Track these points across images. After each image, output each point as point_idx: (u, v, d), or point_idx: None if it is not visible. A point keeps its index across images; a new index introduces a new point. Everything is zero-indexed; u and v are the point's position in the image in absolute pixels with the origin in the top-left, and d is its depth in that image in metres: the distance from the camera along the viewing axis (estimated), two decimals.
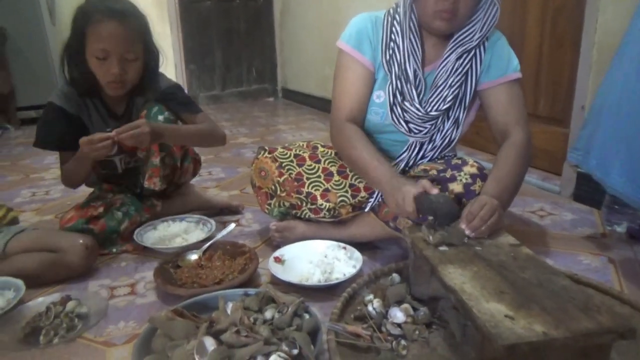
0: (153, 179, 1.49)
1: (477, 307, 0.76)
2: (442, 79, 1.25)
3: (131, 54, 1.35)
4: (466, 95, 1.28)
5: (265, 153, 1.43)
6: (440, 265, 0.91)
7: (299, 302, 0.96)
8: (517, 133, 1.22)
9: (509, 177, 1.16)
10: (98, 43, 1.30)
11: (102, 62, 1.32)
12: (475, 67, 1.26)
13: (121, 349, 1.01)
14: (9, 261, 1.26)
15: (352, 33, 1.30)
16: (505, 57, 1.27)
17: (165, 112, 1.47)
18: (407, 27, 1.23)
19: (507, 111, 1.25)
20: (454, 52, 1.23)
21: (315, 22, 4.21)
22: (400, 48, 1.25)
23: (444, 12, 1.14)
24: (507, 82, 1.26)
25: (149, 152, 1.47)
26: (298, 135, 3.25)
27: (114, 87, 1.38)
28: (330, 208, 1.34)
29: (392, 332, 0.96)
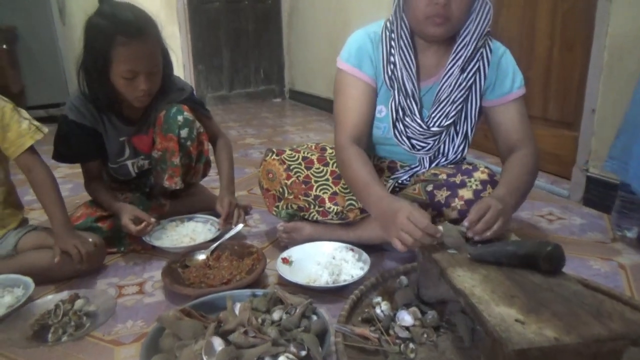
0: (174, 179, 1.51)
1: (487, 311, 0.76)
2: (445, 93, 1.23)
3: (155, 67, 1.34)
4: (471, 110, 1.27)
5: (273, 155, 1.43)
6: (449, 268, 0.91)
7: (307, 304, 0.96)
8: (525, 148, 1.21)
9: (517, 182, 1.14)
10: (125, 65, 1.27)
11: (130, 81, 1.30)
12: (479, 83, 1.24)
13: (129, 347, 1.01)
14: (19, 258, 1.27)
15: (351, 52, 1.27)
16: (510, 74, 1.25)
17: (185, 112, 1.48)
18: (399, 37, 1.21)
19: (515, 129, 1.24)
20: (457, 62, 1.20)
21: (323, 23, 4.22)
22: (397, 62, 1.22)
23: (436, 17, 1.11)
24: (513, 100, 1.24)
25: (166, 153, 1.49)
26: (305, 137, 3.25)
27: (141, 101, 1.36)
28: (338, 211, 1.33)
29: (400, 335, 0.95)
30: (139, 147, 1.52)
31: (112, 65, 1.27)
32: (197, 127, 1.52)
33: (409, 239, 0.95)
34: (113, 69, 1.28)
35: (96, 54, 1.28)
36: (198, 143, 1.55)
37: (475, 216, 0.98)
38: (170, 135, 1.47)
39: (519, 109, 1.25)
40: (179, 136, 1.47)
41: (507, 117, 1.25)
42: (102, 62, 1.28)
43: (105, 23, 1.26)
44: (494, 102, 1.26)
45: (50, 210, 1.26)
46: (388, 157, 1.39)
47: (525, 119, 1.26)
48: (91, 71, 1.32)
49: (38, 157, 1.28)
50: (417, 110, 1.24)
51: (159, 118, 1.48)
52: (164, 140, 1.48)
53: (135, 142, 1.51)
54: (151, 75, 1.32)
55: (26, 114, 1.28)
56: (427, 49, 1.24)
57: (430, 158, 1.33)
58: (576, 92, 1.97)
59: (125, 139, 1.48)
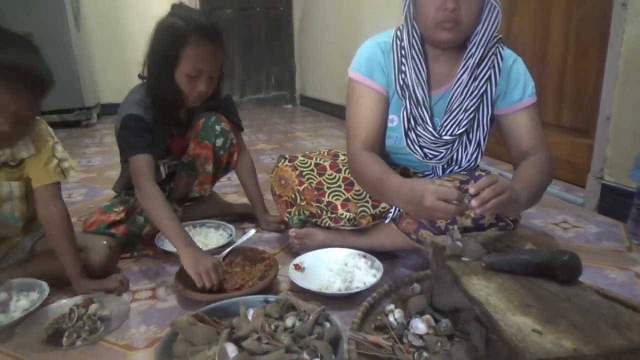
0: (204, 186, 1.58)
1: (504, 320, 0.75)
2: (457, 102, 1.22)
3: (216, 72, 1.41)
4: (484, 118, 1.26)
5: (286, 161, 1.43)
6: (464, 277, 0.90)
7: (321, 311, 0.95)
8: (539, 154, 1.20)
9: (531, 179, 1.12)
10: (192, 63, 1.33)
11: (192, 79, 1.36)
12: (491, 91, 1.23)
13: (142, 352, 1.01)
14: (35, 262, 1.28)
15: (362, 62, 1.27)
16: (521, 82, 1.23)
17: (222, 123, 1.56)
18: (410, 45, 1.20)
19: (528, 136, 1.23)
20: (467, 69, 1.19)
21: (335, 30, 4.23)
22: (408, 71, 1.22)
23: (446, 22, 1.10)
24: (524, 108, 1.23)
25: (197, 159, 1.55)
26: (317, 143, 3.26)
27: (196, 100, 1.42)
28: (350, 218, 1.33)
29: (414, 344, 0.94)
30: (172, 149, 1.57)
31: (180, 62, 1.34)
32: (230, 138, 1.59)
33: (445, 216, 1.00)
34: (180, 66, 1.34)
35: (167, 50, 1.34)
36: (229, 154, 1.61)
37: (484, 183, 0.93)
38: (205, 142, 1.54)
39: (531, 117, 1.24)
40: (214, 145, 1.54)
41: (519, 125, 1.24)
42: (172, 58, 1.34)
43: (181, 23, 1.33)
44: (505, 109, 1.25)
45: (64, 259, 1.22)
46: (401, 164, 1.39)
47: (538, 127, 1.25)
48: (158, 67, 1.37)
49: (59, 196, 1.24)
50: (428, 119, 1.23)
51: (197, 124, 1.54)
52: (198, 146, 1.54)
53: (171, 144, 1.55)
54: (211, 80, 1.40)
55: (61, 154, 1.25)
56: (438, 57, 1.24)
57: (443, 166, 1.33)
58: (591, 99, 1.96)
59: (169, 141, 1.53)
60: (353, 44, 1.35)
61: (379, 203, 1.33)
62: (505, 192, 0.93)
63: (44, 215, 1.21)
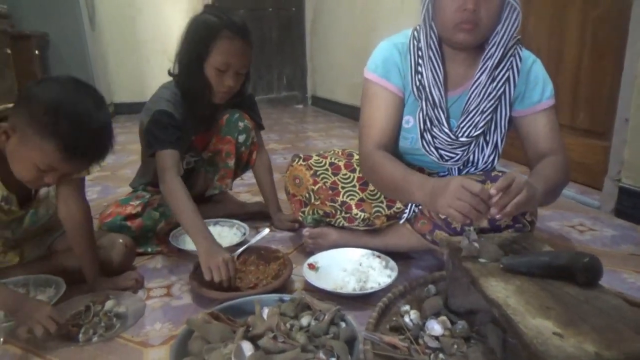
0: (225, 180, 1.62)
1: (523, 323, 0.74)
2: (474, 103, 1.21)
3: (244, 69, 1.44)
4: (501, 120, 1.24)
5: (300, 160, 1.43)
6: (482, 278, 0.89)
7: (336, 310, 0.95)
8: (557, 155, 1.19)
9: (547, 177, 1.11)
10: (223, 57, 1.38)
11: (221, 73, 1.40)
12: (509, 92, 1.21)
13: (158, 350, 1.02)
14: (53, 258, 1.29)
15: (378, 62, 1.26)
16: (540, 84, 1.22)
17: (245, 120, 1.60)
18: (427, 46, 1.19)
19: (545, 138, 1.22)
20: (485, 70, 1.18)
21: (347, 30, 4.23)
22: (425, 72, 1.21)
23: (465, 24, 1.09)
24: (542, 110, 1.22)
25: (218, 154, 1.59)
26: (328, 143, 3.26)
27: (222, 96, 1.46)
28: (365, 218, 1.33)
29: (430, 345, 0.94)
30: (195, 144, 1.60)
31: (210, 55, 1.39)
32: (252, 136, 1.63)
33: (466, 205, 0.94)
34: (210, 58, 1.39)
35: (199, 43, 1.39)
36: (249, 152, 1.65)
37: (503, 185, 0.92)
38: (228, 138, 1.58)
39: (549, 119, 1.23)
40: (237, 140, 1.58)
41: (537, 127, 1.23)
42: (204, 51, 1.39)
43: (214, 19, 1.39)
44: (523, 111, 1.24)
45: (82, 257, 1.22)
46: (416, 165, 1.38)
47: (556, 129, 1.24)
48: (190, 60, 1.41)
49: (81, 193, 1.22)
50: (444, 120, 1.22)
51: (221, 120, 1.58)
52: (220, 142, 1.58)
53: (195, 139, 1.58)
54: (238, 76, 1.44)
55: None
56: (455, 57, 1.22)
57: (459, 167, 1.31)
58: (607, 101, 1.93)
59: (194, 137, 1.56)
60: (365, 45, 1.35)
61: (393, 203, 1.32)
62: (522, 191, 0.92)
63: (64, 213, 1.20)
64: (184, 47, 1.43)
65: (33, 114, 0.96)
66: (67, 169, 1.03)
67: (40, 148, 0.96)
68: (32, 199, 1.19)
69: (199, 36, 1.39)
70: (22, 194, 1.13)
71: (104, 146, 1.05)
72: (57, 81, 1.02)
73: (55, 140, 0.96)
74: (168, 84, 1.48)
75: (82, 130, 0.98)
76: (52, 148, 0.96)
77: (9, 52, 3.29)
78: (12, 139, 1.00)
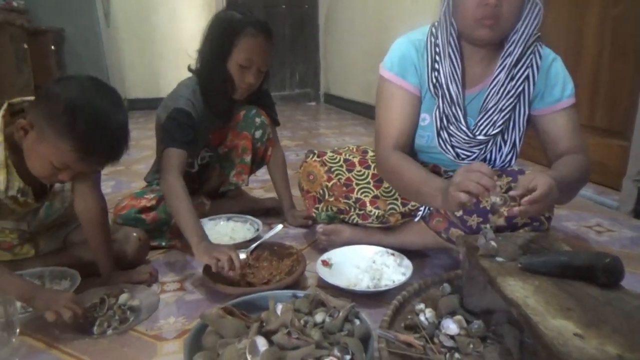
0: (242, 176, 1.63)
1: (543, 323, 0.73)
2: (493, 101, 1.19)
3: (266, 66, 1.46)
4: (520, 118, 1.22)
5: (314, 157, 1.42)
6: (499, 277, 0.88)
7: (350, 307, 0.94)
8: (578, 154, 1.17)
9: (567, 174, 1.08)
10: (247, 54, 1.40)
11: (243, 69, 1.42)
12: (528, 90, 1.19)
13: (171, 343, 1.02)
14: (68, 252, 1.30)
15: (394, 60, 1.24)
16: (560, 82, 1.20)
17: (262, 116, 1.61)
18: (447, 42, 1.17)
19: (565, 138, 1.19)
20: (504, 68, 1.16)
21: (360, 27, 4.21)
22: (442, 69, 1.19)
23: (486, 19, 1.07)
24: (563, 109, 1.20)
25: (233, 150, 1.60)
26: (341, 140, 3.25)
27: (243, 93, 1.48)
28: (379, 215, 1.32)
29: (445, 344, 0.92)
30: (211, 140, 1.61)
31: (234, 51, 1.40)
32: (268, 132, 1.64)
33: (470, 183, 0.93)
34: (234, 54, 1.41)
35: (223, 39, 1.40)
36: (265, 148, 1.65)
37: (525, 184, 0.92)
38: (245, 133, 1.59)
39: (569, 118, 1.21)
40: (253, 136, 1.59)
41: (557, 126, 1.21)
42: (227, 47, 1.40)
43: (239, 16, 1.41)
44: (543, 110, 1.22)
45: (97, 251, 1.22)
46: (431, 163, 1.36)
47: (577, 128, 1.21)
48: (213, 55, 1.43)
49: (97, 188, 1.23)
50: (462, 118, 1.21)
51: (237, 115, 1.59)
52: (236, 137, 1.59)
53: (212, 135, 1.59)
54: (259, 73, 1.46)
55: None
56: (474, 54, 1.20)
57: None
58: (627, 100, 1.90)
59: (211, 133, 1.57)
60: (378, 42, 1.34)
61: (408, 201, 1.31)
62: (548, 196, 0.91)
63: (80, 207, 1.20)
64: (208, 43, 1.44)
65: (51, 112, 0.96)
66: (82, 168, 1.04)
67: (56, 147, 0.97)
68: (47, 191, 1.20)
69: (224, 32, 1.40)
70: (38, 187, 1.14)
71: (120, 147, 1.05)
72: (76, 81, 1.02)
73: (71, 140, 0.96)
74: (188, 81, 1.48)
75: (98, 132, 0.98)
76: (67, 147, 0.97)
77: (26, 47, 3.33)
78: (30, 135, 1.00)
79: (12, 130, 1.02)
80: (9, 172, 1.05)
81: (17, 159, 1.06)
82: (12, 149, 1.05)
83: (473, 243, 1.01)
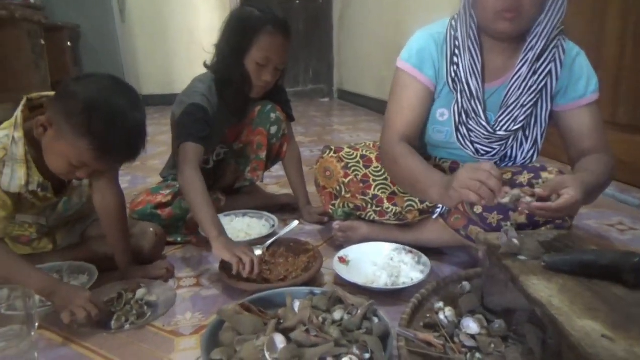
0: (257, 172, 1.63)
1: (569, 324, 0.71)
2: (514, 96, 1.16)
3: (283, 65, 1.45)
4: (542, 114, 1.20)
5: (331, 152, 1.41)
6: (523, 276, 0.86)
7: (369, 305, 0.93)
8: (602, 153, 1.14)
9: (593, 174, 1.06)
10: (264, 52, 1.39)
11: (260, 67, 1.41)
12: (551, 85, 1.16)
13: (188, 339, 1.01)
14: (85, 246, 1.31)
15: (412, 52, 1.22)
16: (584, 77, 1.17)
17: (277, 112, 1.60)
18: (466, 35, 1.15)
19: (589, 135, 1.17)
20: (526, 62, 1.13)
21: (375, 23, 4.18)
22: (461, 62, 1.17)
23: (507, 12, 1.04)
24: (586, 105, 1.17)
25: (249, 146, 1.60)
26: (355, 136, 3.23)
27: (259, 91, 1.48)
28: (396, 212, 1.30)
29: (466, 344, 0.91)
30: (226, 136, 1.61)
31: (251, 49, 1.39)
32: (283, 128, 1.63)
33: (476, 183, 0.93)
34: (252, 52, 1.40)
35: (241, 36, 1.40)
36: (280, 144, 1.64)
37: (550, 191, 0.92)
38: (260, 129, 1.58)
39: (593, 114, 1.18)
40: (269, 132, 1.58)
41: (580, 123, 1.18)
42: (245, 44, 1.39)
43: (258, 13, 1.40)
44: (566, 106, 1.19)
45: (115, 246, 1.22)
46: (450, 158, 1.34)
47: (600, 125, 1.19)
48: (231, 52, 1.42)
49: (116, 182, 1.22)
50: (481, 112, 1.18)
51: (252, 111, 1.58)
52: (252, 133, 1.58)
53: (227, 131, 1.59)
54: (276, 71, 1.45)
55: None
56: (495, 48, 1.18)
57: (496, 163, 1.27)
58: None
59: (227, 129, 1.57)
60: (393, 38, 1.33)
61: None
62: (569, 210, 0.91)
63: (99, 202, 1.20)
64: (225, 39, 1.43)
65: (70, 111, 0.97)
66: (99, 167, 1.05)
67: (74, 145, 0.97)
68: (66, 186, 1.20)
69: (242, 29, 1.39)
70: (57, 181, 1.15)
71: (137, 146, 1.05)
72: (95, 79, 1.02)
73: (89, 139, 0.96)
74: (203, 77, 1.48)
75: (116, 131, 0.98)
76: (85, 146, 0.97)
77: (43, 43, 3.36)
78: (49, 132, 1.01)
79: (31, 125, 1.03)
80: (29, 167, 1.06)
81: (37, 154, 1.06)
82: (32, 144, 1.05)
83: (494, 241, 0.99)
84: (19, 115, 1.05)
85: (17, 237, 1.24)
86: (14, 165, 1.03)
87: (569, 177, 0.99)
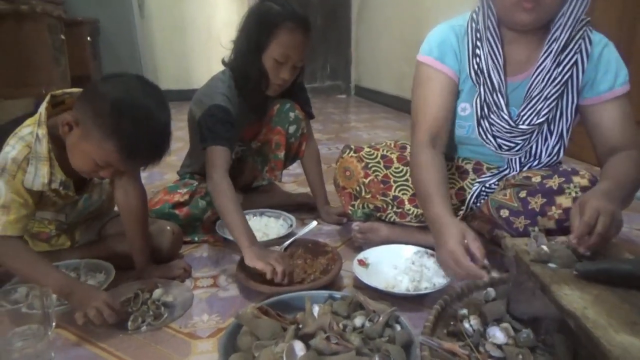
0: (275, 172, 1.60)
1: (606, 339, 0.67)
2: (537, 89, 1.12)
3: (301, 62, 1.42)
4: (567, 107, 1.15)
5: (351, 152, 1.38)
6: (554, 285, 0.82)
7: (391, 312, 0.90)
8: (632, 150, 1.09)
9: (625, 176, 1.02)
10: (282, 48, 1.36)
11: (278, 65, 1.38)
12: (577, 77, 1.12)
13: (205, 342, 1.00)
14: (103, 244, 1.30)
15: (433, 45, 1.19)
16: (612, 69, 1.12)
17: (296, 110, 1.58)
18: (485, 27, 1.12)
19: (618, 130, 1.12)
20: (550, 54, 1.09)
21: (394, 18, 4.12)
22: (483, 55, 1.14)
23: (525, 2, 1.00)
24: (615, 98, 1.12)
25: (267, 145, 1.57)
26: (373, 134, 3.19)
27: (276, 89, 1.45)
28: (418, 214, 1.27)
29: (492, 354, 0.87)
30: (244, 135, 1.58)
31: (270, 45, 1.36)
32: (302, 126, 1.60)
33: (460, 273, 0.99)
34: (270, 48, 1.36)
35: (260, 32, 1.36)
36: (299, 143, 1.61)
37: (586, 229, 0.87)
38: (278, 128, 1.55)
39: (622, 108, 1.13)
40: (287, 131, 1.55)
41: (608, 117, 1.13)
42: (264, 40, 1.36)
43: (277, 8, 1.36)
44: (593, 100, 1.14)
45: (134, 244, 1.21)
46: (473, 157, 1.30)
47: (630, 120, 1.13)
48: (249, 48, 1.38)
49: (138, 180, 1.22)
50: (504, 106, 1.14)
51: (271, 110, 1.56)
52: (270, 132, 1.56)
53: (245, 130, 1.57)
54: (294, 69, 1.42)
55: None
56: (516, 41, 1.14)
57: (520, 159, 1.23)
58: None
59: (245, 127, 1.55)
60: (412, 34, 1.29)
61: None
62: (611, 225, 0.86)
63: (122, 200, 1.20)
64: (244, 35, 1.40)
65: (97, 112, 0.96)
66: (124, 167, 1.04)
67: (101, 146, 0.97)
68: (87, 183, 1.20)
69: (261, 25, 1.36)
70: (78, 179, 1.14)
71: (162, 148, 1.04)
72: (123, 80, 1.01)
73: (115, 141, 0.95)
74: (222, 75, 1.45)
75: (143, 134, 0.97)
76: (111, 148, 0.96)
77: (63, 38, 3.39)
78: (75, 132, 1.00)
79: (54, 122, 1.02)
80: (52, 165, 1.05)
81: (59, 152, 1.05)
82: (54, 142, 1.05)
83: (522, 246, 0.95)
84: (43, 112, 1.04)
85: (37, 233, 1.24)
86: (38, 163, 1.03)
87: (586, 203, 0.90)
